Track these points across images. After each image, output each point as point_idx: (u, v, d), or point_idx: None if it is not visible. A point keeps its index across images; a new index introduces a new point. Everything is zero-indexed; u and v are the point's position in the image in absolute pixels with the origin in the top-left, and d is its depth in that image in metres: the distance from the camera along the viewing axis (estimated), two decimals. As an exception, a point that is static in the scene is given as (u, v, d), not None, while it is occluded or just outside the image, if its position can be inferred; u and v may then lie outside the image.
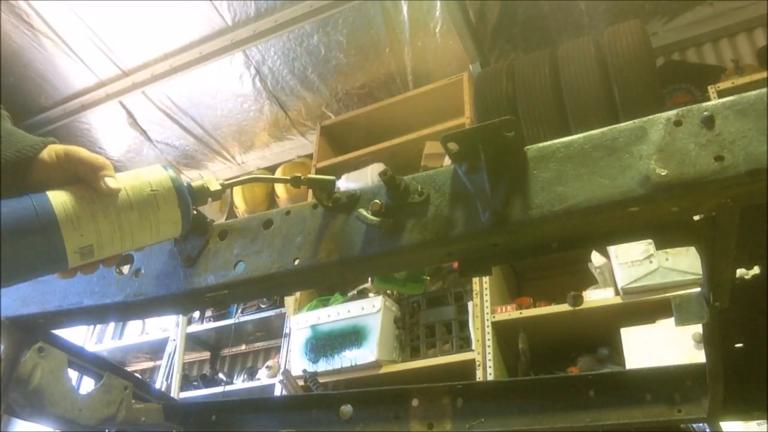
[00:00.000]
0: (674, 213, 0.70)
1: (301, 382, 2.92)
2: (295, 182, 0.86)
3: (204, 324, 4.23)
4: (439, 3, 3.61)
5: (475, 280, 2.99)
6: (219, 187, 0.79)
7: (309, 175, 0.86)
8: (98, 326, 4.85)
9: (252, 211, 4.54)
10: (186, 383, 4.10)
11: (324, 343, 3.14)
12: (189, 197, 0.74)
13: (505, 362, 2.95)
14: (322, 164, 4.11)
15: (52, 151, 0.72)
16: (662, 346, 2.34)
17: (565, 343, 2.97)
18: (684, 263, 2.49)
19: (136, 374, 3.04)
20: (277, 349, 4.02)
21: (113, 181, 0.69)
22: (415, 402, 1.31)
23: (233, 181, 0.84)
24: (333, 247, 0.85)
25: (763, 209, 0.74)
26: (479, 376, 2.76)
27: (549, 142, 0.75)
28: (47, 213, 0.64)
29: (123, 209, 0.68)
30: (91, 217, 0.66)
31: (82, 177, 0.69)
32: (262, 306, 4.01)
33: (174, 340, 4.02)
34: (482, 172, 0.75)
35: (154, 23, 3.88)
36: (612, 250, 2.70)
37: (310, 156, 4.43)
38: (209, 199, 0.80)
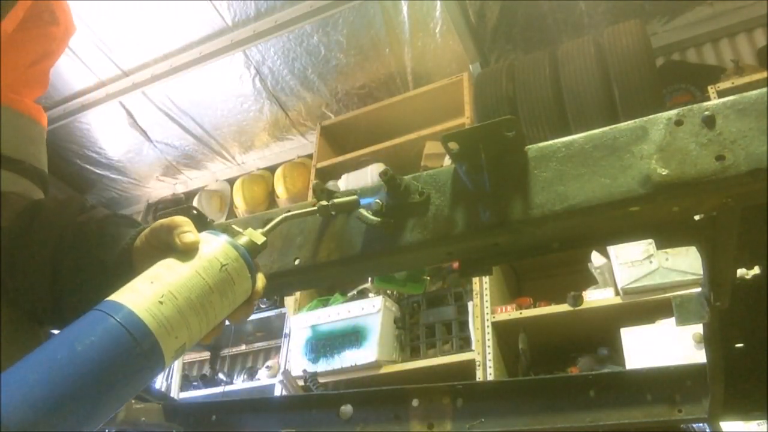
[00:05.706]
0: (675, 213, 0.70)
1: (301, 382, 2.91)
2: (323, 212, 0.84)
3: (204, 324, 4.22)
4: (439, 3, 3.61)
5: (475, 280, 2.99)
6: (264, 238, 0.74)
7: (334, 201, 0.83)
8: (98, 326, 4.84)
9: (252, 211, 4.54)
10: (186, 383, 4.10)
11: (324, 343, 3.14)
12: (251, 259, 0.70)
13: (505, 362, 2.95)
14: (322, 164, 4.11)
15: (141, 236, 0.73)
16: (662, 346, 2.34)
17: (565, 343, 2.97)
18: (684, 263, 2.49)
19: (136, 374, 3.04)
20: (277, 349, 4.03)
21: (188, 235, 0.67)
22: (415, 402, 1.31)
23: (270, 226, 0.78)
24: (333, 246, 0.85)
25: (763, 209, 0.74)
26: (479, 376, 2.76)
27: (549, 142, 0.75)
28: (146, 335, 0.58)
29: (204, 295, 0.64)
30: (180, 316, 0.62)
31: (164, 244, 0.68)
32: (262, 306, 4.01)
33: (174, 340, 4.00)
34: (483, 171, 0.75)
35: (154, 23, 3.88)
36: (612, 250, 2.70)
37: (310, 156, 4.43)
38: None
